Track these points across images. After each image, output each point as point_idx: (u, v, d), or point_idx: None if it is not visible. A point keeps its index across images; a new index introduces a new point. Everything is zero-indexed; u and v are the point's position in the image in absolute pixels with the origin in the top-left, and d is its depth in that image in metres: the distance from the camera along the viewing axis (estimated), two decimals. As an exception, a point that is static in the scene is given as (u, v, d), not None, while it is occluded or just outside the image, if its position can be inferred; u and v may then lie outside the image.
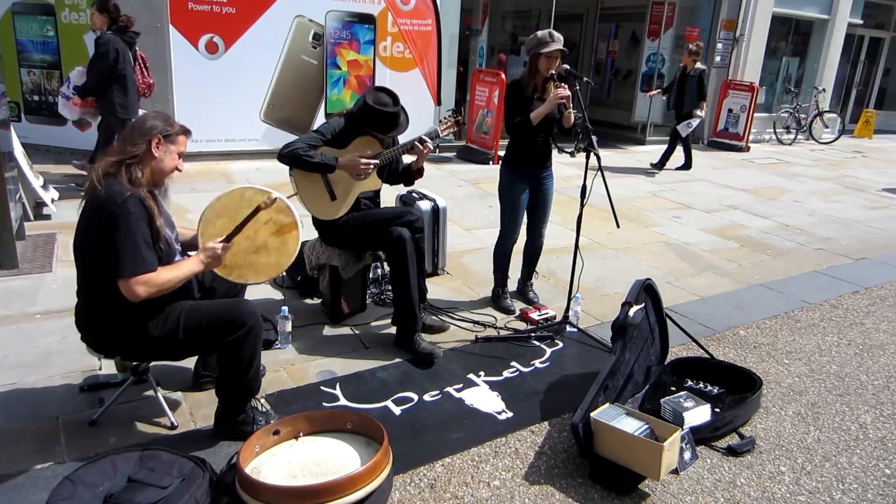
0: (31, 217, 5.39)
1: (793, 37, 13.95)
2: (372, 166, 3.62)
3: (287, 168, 3.63)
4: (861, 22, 14.53)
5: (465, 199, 7.11)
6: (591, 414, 2.71)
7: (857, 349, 4.12)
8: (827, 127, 13.74)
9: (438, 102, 8.94)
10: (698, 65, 9.07)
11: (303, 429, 2.71)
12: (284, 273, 4.41)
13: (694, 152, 11.48)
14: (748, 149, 11.82)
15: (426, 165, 4.05)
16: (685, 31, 12.19)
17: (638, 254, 5.68)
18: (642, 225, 6.59)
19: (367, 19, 8.54)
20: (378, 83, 8.72)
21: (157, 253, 2.52)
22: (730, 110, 11.95)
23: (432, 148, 3.78)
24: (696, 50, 9.08)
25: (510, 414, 3.14)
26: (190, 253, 2.83)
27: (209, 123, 7.71)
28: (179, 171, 2.71)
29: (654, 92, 9.95)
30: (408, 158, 3.98)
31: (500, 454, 2.84)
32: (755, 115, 11.99)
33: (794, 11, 13.06)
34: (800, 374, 3.75)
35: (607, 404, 2.82)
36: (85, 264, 2.56)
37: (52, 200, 5.64)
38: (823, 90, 13.66)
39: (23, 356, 3.39)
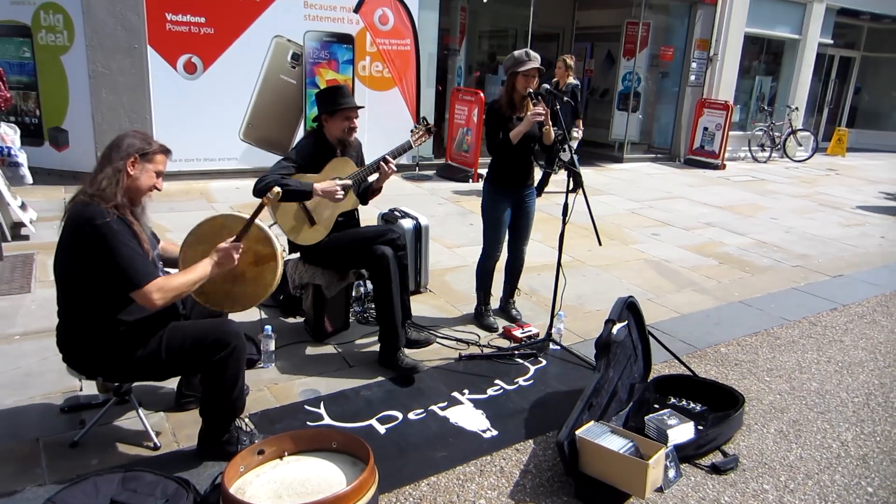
0: (9, 238, 5.32)
1: (765, 56, 14.29)
2: (343, 192, 3.62)
3: None
4: (832, 42, 14.93)
5: (445, 216, 7.14)
6: (576, 432, 2.72)
7: (837, 366, 4.18)
8: (801, 145, 14.03)
9: (418, 121, 9.01)
10: (571, 79, 8.12)
11: (287, 448, 2.70)
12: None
13: (671, 169, 11.66)
14: (724, 166, 12.03)
15: (407, 184, 4.07)
16: (660, 50, 12.43)
17: (618, 271, 5.73)
18: (622, 242, 6.66)
19: (345, 39, 8.60)
20: (357, 103, 8.76)
21: None
22: (705, 128, 12.17)
23: (395, 168, 3.80)
24: (571, 63, 8.19)
25: (495, 432, 3.14)
26: (169, 270, 2.81)
27: (188, 143, 7.69)
28: (158, 190, 2.68)
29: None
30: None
31: (486, 473, 2.84)
32: (730, 133, 12.22)
33: (766, 31, 13.39)
34: (781, 391, 3.80)
35: (592, 422, 2.84)
36: (65, 284, 2.55)
37: (31, 221, 5.57)
38: (796, 109, 13.96)
39: (2, 377, 3.34)
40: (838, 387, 3.90)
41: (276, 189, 2.85)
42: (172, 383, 3.12)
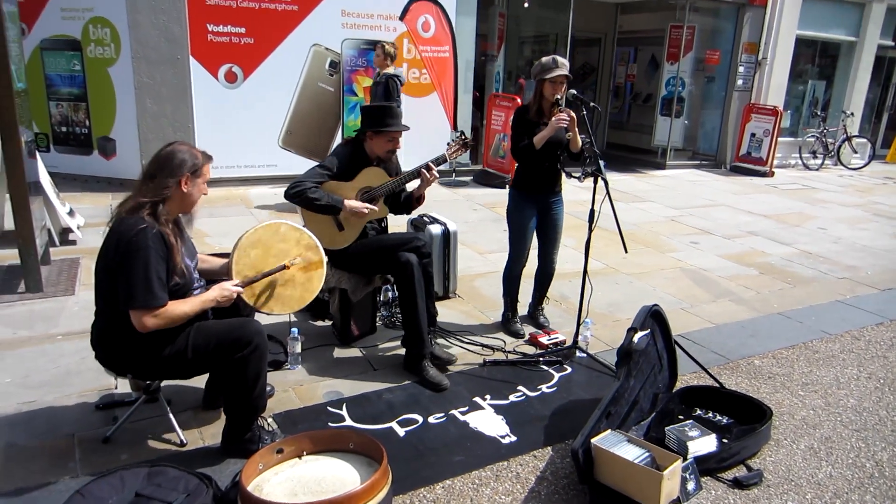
0: (57, 242, 5.56)
1: (819, 59, 13.81)
2: (368, 213, 3.69)
3: None
4: (892, 44, 14.30)
5: (479, 222, 7.16)
6: (592, 440, 2.70)
7: (878, 383, 4.02)
8: (856, 152, 13.52)
9: (455, 127, 9.07)
10: (390, 69, 7.05)
11: (306, 448, 2.75)
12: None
13: (716, 176, 11.38)
14: (772, 174, 11.71)
15: (443, 190, 4.11)
16: (705, 54, 12.19)
17: (653, 279, 5.65)
18: (658, 250, 6.56)
19: (382, 47, 8.69)
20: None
21: (174, 286, 2.62)
22: (752, 135, 11.87)
23: (438, 175, 3.82)
24: (392, 51, 7.05)
25: (514, 438, 3.14)
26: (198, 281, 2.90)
27: (229, 150, 7.90)
28: (205, 195, 2.82)
29: None
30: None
31: (501, 478, 2.84)
32: (780, 139, 11.89)
33: (820, 34, 12.95)
34: (815, 406, 3.68)
35: (609, 431, 2.82)
36: (101, 286, 2.66)
37: (78, 227, 5.81)
38: (852, 114, 13.45)
39: (44, 375, 3.50)
40: (878, 404, 3.75)
41: (300, 260, 3.03)
42: (200, 382, 3.20)
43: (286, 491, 2.52)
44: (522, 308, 4.56)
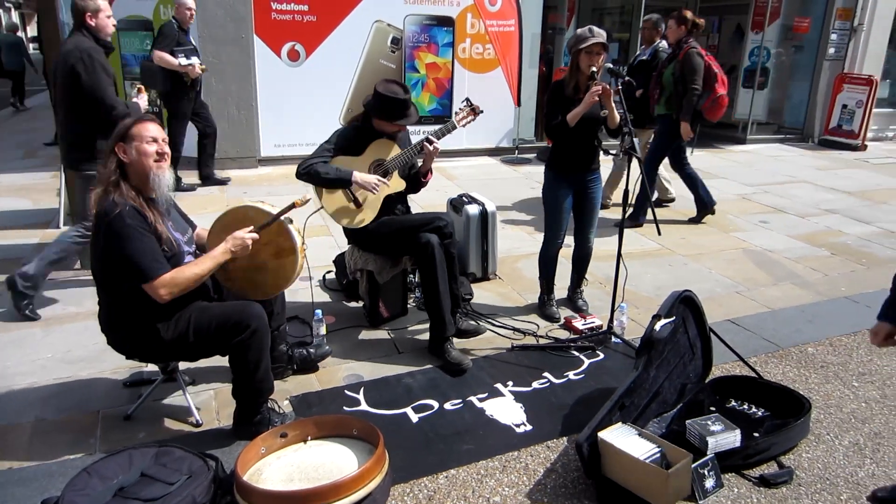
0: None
1: (926, 24, 12.55)
2: (379, 186, 3.60)
3: None
4: None
5: (536, 202, 6.96)
6: (600, 433, 2.56)
7: (949, 374, 3.66)
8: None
9: (518, 103, 8.83)
10: None
11: (310, 433, 2.74)
12: (333, 275, 4.53)
13: (801, 151, 10.67)
14: (864, 147, 10.83)
15: (503, 167, 3.96)
16: (793, 21, 11.33)
17: (709, 261, 5.34)
18: (721, 230, 6.18)
19: (445, 22, 8.54)
20: (457, 85, 8.72)
21: (164, 255, 2.61)
22: (844, 106, 10.99)
23: (439, 149, 3.69)
24: None
25: (529, 427, 3.03)
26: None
27: (291, 128, 8.00)
28: (160, 154, 2.64)
29: None
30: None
31: (508, 469, 2.75)
32: (875, 110, 10.96)
33: (926, -4, 11.78)
34: (868, 399, 3.38)
35: (620, 423, 2.67)
36: (95, 273, 2.71)
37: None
38: (961, 83, 12.23)
39: (82, 351, 3.64)
40: (945, 399, 3.41)
41: (309, 197, 2.97)
42: (220, 362, 3.22)
43: (283, 476, 2.52)
44: (562, 291, 4.41)
